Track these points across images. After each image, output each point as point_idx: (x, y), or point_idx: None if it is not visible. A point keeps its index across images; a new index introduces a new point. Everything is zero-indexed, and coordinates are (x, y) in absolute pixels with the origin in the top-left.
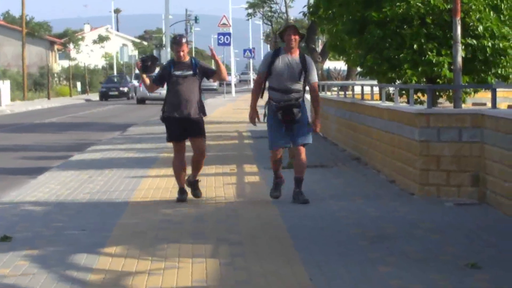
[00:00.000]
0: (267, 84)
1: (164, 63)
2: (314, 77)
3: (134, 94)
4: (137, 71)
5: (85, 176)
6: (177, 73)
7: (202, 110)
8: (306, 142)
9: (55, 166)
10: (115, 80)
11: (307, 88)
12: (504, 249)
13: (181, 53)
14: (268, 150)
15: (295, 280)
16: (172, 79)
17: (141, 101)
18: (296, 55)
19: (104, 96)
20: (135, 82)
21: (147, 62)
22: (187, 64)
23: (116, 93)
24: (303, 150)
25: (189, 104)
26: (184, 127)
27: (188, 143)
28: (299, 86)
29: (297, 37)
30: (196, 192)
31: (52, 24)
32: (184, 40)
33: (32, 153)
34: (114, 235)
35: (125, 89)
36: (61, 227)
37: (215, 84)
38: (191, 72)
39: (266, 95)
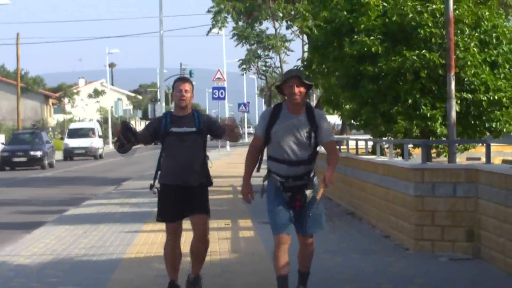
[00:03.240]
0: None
1: (159, 116)
2: (329, 134)
3: (53, 160)
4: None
5: (80, 231)
6: (175, 130)
7: (206, 177)
8: (317, 230)
9: (50, 221)
10: (25, 139)
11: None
12: None
13: (184, 93)
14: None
15: None
16: (168, 137)
17: None
18: (302, 111)
19: (7, 163)
20: (69, 141)
21: (125, 138)
22: (188, 118)
23: (24, 159)
24: (311, 240)
25: (190, 169)
26: (182, 200)
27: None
28: (309, 154)
29: (302, 89)
30: None
31: (46, 78)
32: (188, 80)
33: (27, 207)
34: None
35: (38, 154)
36: (56, 283)
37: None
38: (193, 129)
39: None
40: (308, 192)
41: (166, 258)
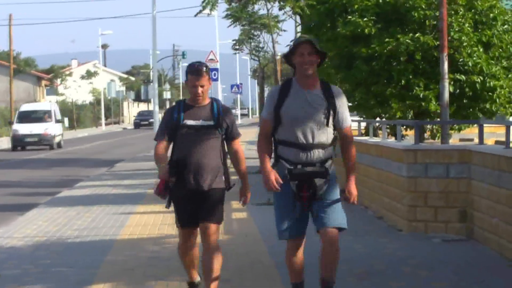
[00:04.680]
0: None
1: (171, 106)
2: (347, 118)
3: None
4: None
5: (73, 212)
6: (190, 122)
7: (225, 179)
8: (338, 225)
9: (43, 203)
10: None
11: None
12: (492, 286)
13: (199, 90)
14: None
15: None
16: (181, 131)
17: None
18: (316, 86)
19: None
20: (19, 127)
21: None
22: (205, 109)
23: None
24: (335, 235)
25: (205, 170)
26: (197, 204)
27: None
28: (325, 136)
29: (314, 57)
30: None
31: (39, 59)
32: (205, 70)
33: (20, 189)
34: (101, 272)
35: None
36: (49, 264)
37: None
38: (211, 123)
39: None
40: (319, 182)
41: (182, 258)
